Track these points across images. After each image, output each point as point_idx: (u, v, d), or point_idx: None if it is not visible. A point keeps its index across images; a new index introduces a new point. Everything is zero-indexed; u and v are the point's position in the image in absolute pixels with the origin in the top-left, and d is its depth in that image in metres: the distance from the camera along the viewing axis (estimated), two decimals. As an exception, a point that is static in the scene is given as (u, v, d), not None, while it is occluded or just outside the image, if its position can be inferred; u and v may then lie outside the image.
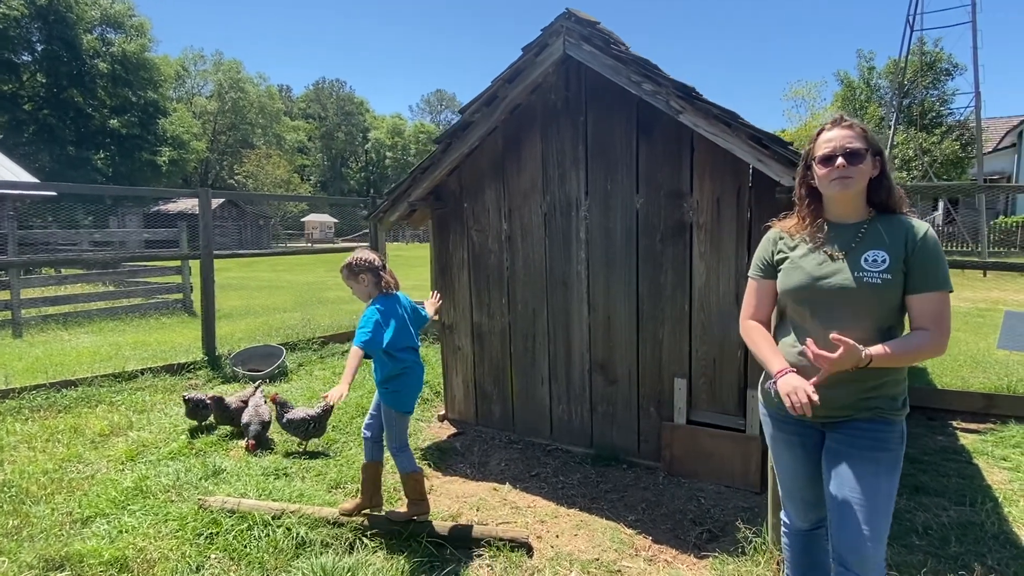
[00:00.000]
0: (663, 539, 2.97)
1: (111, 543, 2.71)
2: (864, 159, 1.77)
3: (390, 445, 2.94)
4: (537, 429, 4.27)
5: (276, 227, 45.92)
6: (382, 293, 2.89)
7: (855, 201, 1.84)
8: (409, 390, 2.92)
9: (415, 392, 2.98)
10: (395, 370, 2.85)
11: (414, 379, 2.93)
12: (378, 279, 2.88)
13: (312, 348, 7.05)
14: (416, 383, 2.96)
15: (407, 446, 2.97)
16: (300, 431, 3.92)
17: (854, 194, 1.81)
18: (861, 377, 1.75)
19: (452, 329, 4.60)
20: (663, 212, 3.60)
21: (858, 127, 1.83)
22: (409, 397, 2.94)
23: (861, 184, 1.80)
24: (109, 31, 37.91)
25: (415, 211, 4.44)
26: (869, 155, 1.78)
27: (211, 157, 51.71)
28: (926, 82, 25.03)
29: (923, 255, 1.71)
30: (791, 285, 1.88)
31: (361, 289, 2.89)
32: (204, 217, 6.03)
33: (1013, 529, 2.93)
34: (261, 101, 54.60)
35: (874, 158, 1.80)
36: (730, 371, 3.51)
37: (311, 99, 75.99)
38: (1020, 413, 4.50)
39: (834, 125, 1.86)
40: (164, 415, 4.61)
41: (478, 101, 3.83)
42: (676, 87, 3.17)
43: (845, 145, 1.78)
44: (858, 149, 1.77)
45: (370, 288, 2.88)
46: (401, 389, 2.89)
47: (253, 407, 4.12)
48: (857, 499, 1.74)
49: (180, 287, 10.53)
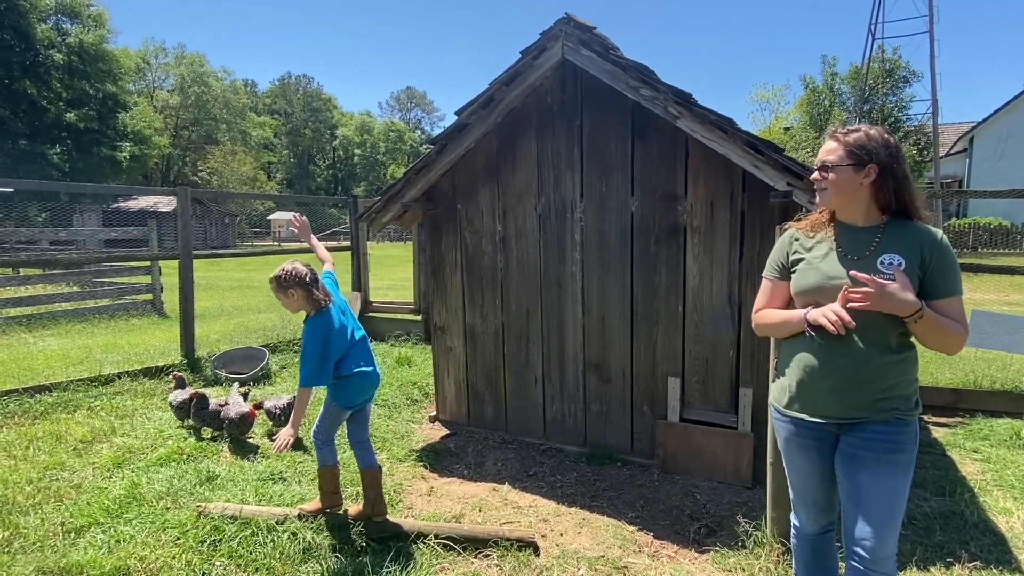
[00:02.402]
0: (664, 535, 3.04)
1: (110, 553, 2.64)
2: (832, 170, 1.84)
3: (316, 435, 2.91)
4: (530, 429, 4.31)
5: (242, 225, 44.89)
6: (317, 310, 2.76)
7: (856, 207, 1.87)
8: (356, 388, 2.86)
9: (363, 390, 2.90)
10: (346, 371, 2.83)
11: (362, 376, 2.86)
12: (309, 294, 2.72)
13: (293, 350, 6.93)
14: (364, 381, 2.88)
15: (333, 441, 2.95)
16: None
17: (843, 201, 1.87)
18: (876, 378, 1.78)
19: (444, 330, 4.60)
20: (657, 215, 3.68)
21: (843, 138, 1.85)
22: (356, 392, 2.87)
23: (841, 194, 1.85)
24: (65, 20, 36.38)
25: (407, 212, 4.43)
26: (848, 166, 1.81)
27: (174, 153, 50.16)
28: (885, 88, 25.98)
29: (943, 262, 1.76)
30: (806, 285, 1.90)
31: (291, 303, 2.76)
32: (183, 216, 5.88)
33: (991, 517, 3.10)
34: (226, 96, 53.15)
35: (863, 167, 1.81)
36: (722, 370, 3.61)
37: (277, 94, 74.43)
38: (987, 407, 4.73)
39: (827, 137, 1.93)
40: (148, 420, 4.49)
41: (475, 103, 3.84)
42: (674, 93, 3.24)
43: (823, 158, 1.87)
44: (828, 163, 1.85)
45: (301, 303, 2.75)
46: (346, 385, 2.84)
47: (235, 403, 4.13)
48: (874, 500, 1.79)
49: (150, 287, 10.22)
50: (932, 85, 20.90)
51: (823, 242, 1.93)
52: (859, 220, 1.89)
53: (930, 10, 21.18)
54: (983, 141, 26.48)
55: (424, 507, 3.32)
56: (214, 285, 15.06)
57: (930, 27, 21.13)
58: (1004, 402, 4.74)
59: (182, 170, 51.75)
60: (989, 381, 5.10)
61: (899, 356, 1.80)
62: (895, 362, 1.79)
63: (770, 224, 3.35)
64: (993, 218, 22.39)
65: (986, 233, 21.71)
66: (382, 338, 7.46)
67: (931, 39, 20.96)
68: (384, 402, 4.97)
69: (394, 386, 5.36)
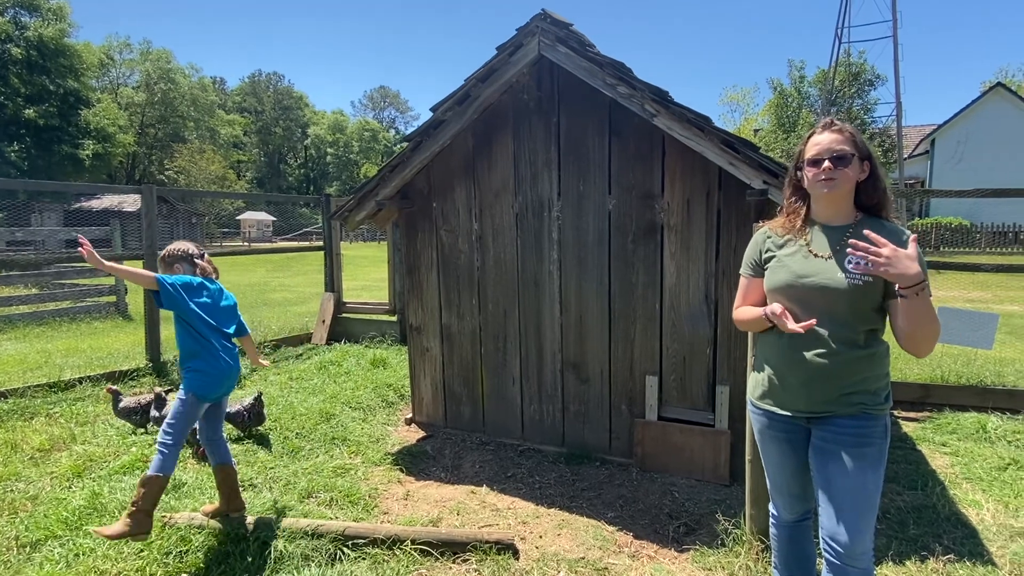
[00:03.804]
0: (643, 534, 3.02)
1: (68, 568, 2.51)
2: (850, 163, 1.83)
3: (168, 433, 2.65)
4: (508, 429, 4.26)
5: (210, 225, 43.92)
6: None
7: (841, 203, 1.89)
8: (215, 376, 2.75)
9: (221, 381, 2.79)
10: (194, 347, 2.74)
11: (222, 364, 2.77)
12: (194, 267, 2.90)
13: (264, 352, 6.78)
14: (225, 369, 2.78)
15: (180, 445, 2.68)
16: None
17: (840, 196, 1.88)
18: (842, 373, 1.81)
19: (420, 330, 4.53)
20: (635, 213, 3.66)
21: (847, 131, 1.88)
22: (213, 383, 2.76)
23: (846, 187, 1.86)
24: (23, 14, 35.16)
25: (381, 210, 4.34)
26: (856, 159, 1.84)
27: (139, 151, 48.83)
28: (852, 91, 26.62)
29: None
30: (776, 283, 1.94)
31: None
32: (149, 215, 5.69)
33: (961, 511, 3.15)
34: (193, 93, 51.91)
35: (862, 162, 1.86)
36: (699, 368, 3.61)
37: (247, 92, 73.05)
38: (953, 401, 4.84)
39: (824, 129, 1.92)
40: (110, 426, 4.32)
41: (450, 100, 3.78)
42: (651, 91, 3.23)
43: (832, 148, 1.84)
44: (845, 153, 1.83)
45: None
46: (205, 370, 2.72)
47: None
48: (845, 494, 1.81)
49: (113, 289, 9.90)
50: (896, 88, 21.52)
51: (795, 240, 1.95)
52: (837, 218, 1.92)
53: (894, 15, 21.77)
54: (944, 144, 27.32)
55: (401, 511, 3.24)
56: (182, 286, 14.66)
57: (894, 31, 21.73)
58: (969, 396, 4.86)
59: (148, 169, 50.43)
60: (955, 376, 5.22)
61: (866, 351, 1.82)
62: (862, 357, 1.82)
63: (746, 222, 3.37)
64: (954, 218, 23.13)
65: (948, 232, 22.41)
66: (356, 339, 7.34)
67: (895, 43, 21.56)
68: (359, 405, 4.87)
69: (369, 388, 5.26)
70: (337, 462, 3.76)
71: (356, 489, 3.39)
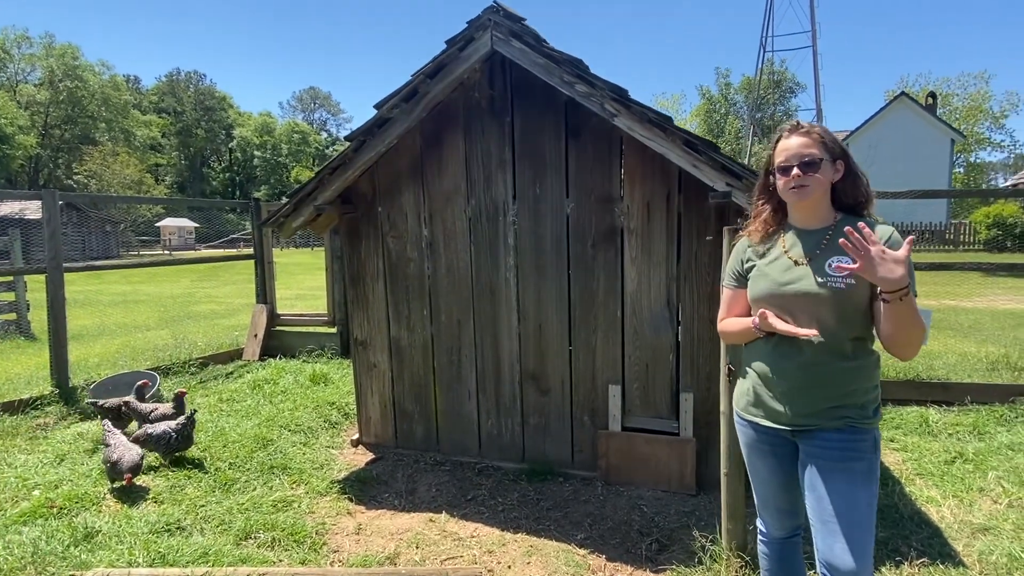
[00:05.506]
0: (616, 556, 2.87)
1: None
2: (820, 167, 1.74)
3: None
4: (465, 447, 4.02)
5: (126, 233, 41.05)
6: None
7: (817, 207, 1.81)
8: None
9: None
10: None
11: None
12: None
13: (189, 371, 6.23)
14: None
15: None
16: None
17: (815, 201, 1.79)
18: (827, 384, 1.73)
19: (366, 345, 4.22)
20: (594, 217, 3.52)
21: (815, 133, 1.79)
22: None
23: (820, 191, 1.77)
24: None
25: (321, 215, 4.01)
26: (827, 162, 1.75)
27: (43, 154, 45.08)
28: (774, 98, 27.96)
29: None
30: (758, 293, 1.85)
31: None
32: (52, 223, 5.07)
33: (921, 509, 3.18)
34: (104, 92, 48.45)
35: (835, 163, 1.77)
36: (662, 375, 3.51)
37: (165, 92, 69.05)
38: (896, 396, 4.98)
39: (792, 132, 1.82)
40: (7, 466, 3.77)
41: (396, 96, 3.51)
42: (611, 89, 3.09)
43: (801, 153, 1.75)
44: (814, 157, 1.73)
45: None
46: None
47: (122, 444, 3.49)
48: (835, 511, 1.70)
49: (13, 306, 8.91)
50: (816, 95, 22.77)
51: (773, 248, 1.87)
52: (814, 222, 1.83)
53: (813, 26, 23.05)
54: (857, 149, 29.13)
55: (353, 548, 2.94)
56: (94, 300, 13.53)
57: (813, 42, 23.00)
58: (909, 390, 5.02)
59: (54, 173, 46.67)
60: (895, 371, 5.39)
61: (854, 363, 1.73)
62: (849, 369, 1.73)
63: (707, 225, 3.29)
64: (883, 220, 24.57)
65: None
66: (293, 354, 6.87)
67: (814, 52, 22.82)
68: (299, 427, 4.50)
69: (309, 407, 4.88)
70: (278, 494, 3.41)
71: (301, 525, 3.06)
